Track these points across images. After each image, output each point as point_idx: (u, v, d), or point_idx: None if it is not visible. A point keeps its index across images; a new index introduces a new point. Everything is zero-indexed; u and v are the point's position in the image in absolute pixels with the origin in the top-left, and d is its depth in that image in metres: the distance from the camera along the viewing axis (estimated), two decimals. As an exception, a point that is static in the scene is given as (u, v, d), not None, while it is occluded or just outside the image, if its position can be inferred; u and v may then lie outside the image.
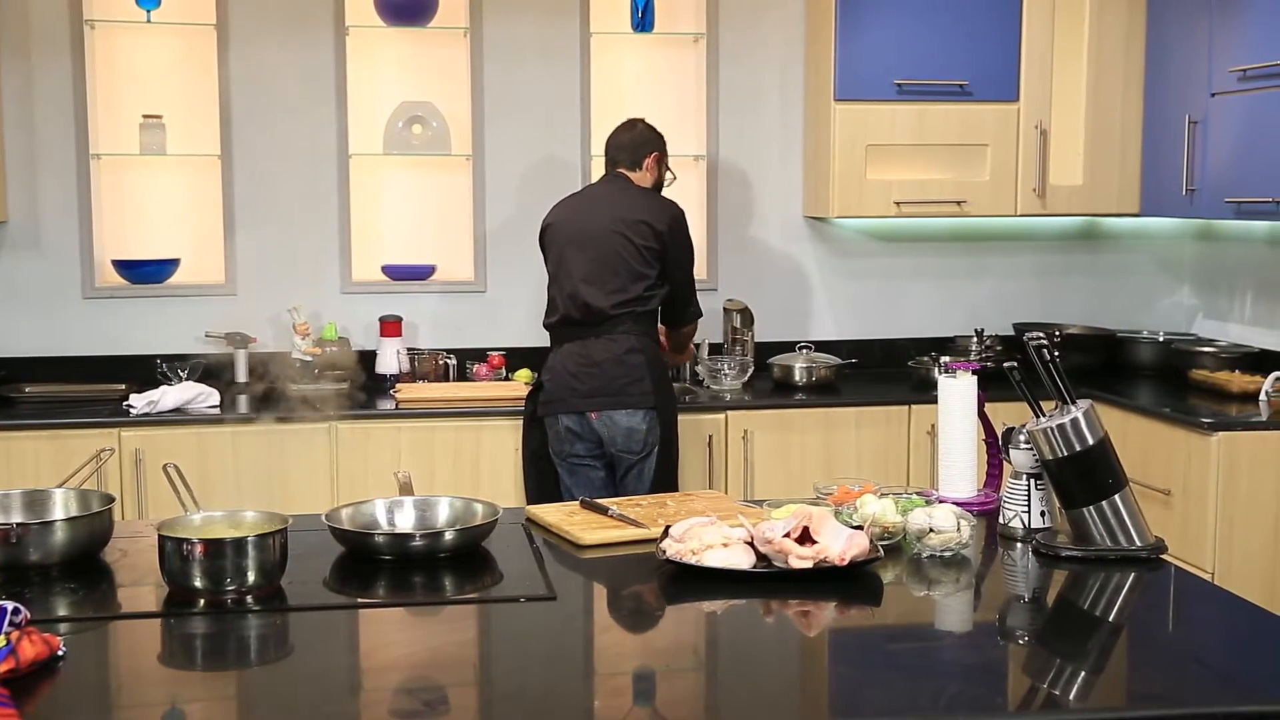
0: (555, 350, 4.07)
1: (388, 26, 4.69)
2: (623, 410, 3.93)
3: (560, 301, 4.04)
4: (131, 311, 4.67)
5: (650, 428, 3.95)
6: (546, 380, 4.04)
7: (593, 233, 4.01)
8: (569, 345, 4.01)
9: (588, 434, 3.97)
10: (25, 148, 4.57)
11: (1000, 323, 5.10)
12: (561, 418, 3.98)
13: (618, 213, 4.02)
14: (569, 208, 4.17)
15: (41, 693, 1.83)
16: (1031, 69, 4.71)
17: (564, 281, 4.03)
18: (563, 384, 3.98)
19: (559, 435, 4.01)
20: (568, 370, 3.98)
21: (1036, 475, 2.60)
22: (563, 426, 3.98)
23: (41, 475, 3.94)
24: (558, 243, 4.09)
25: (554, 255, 4.10)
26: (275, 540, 2.27)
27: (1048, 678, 1.98)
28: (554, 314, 4.08)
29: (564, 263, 4.04)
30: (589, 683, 1.98)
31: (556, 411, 3.99)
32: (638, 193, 4.12)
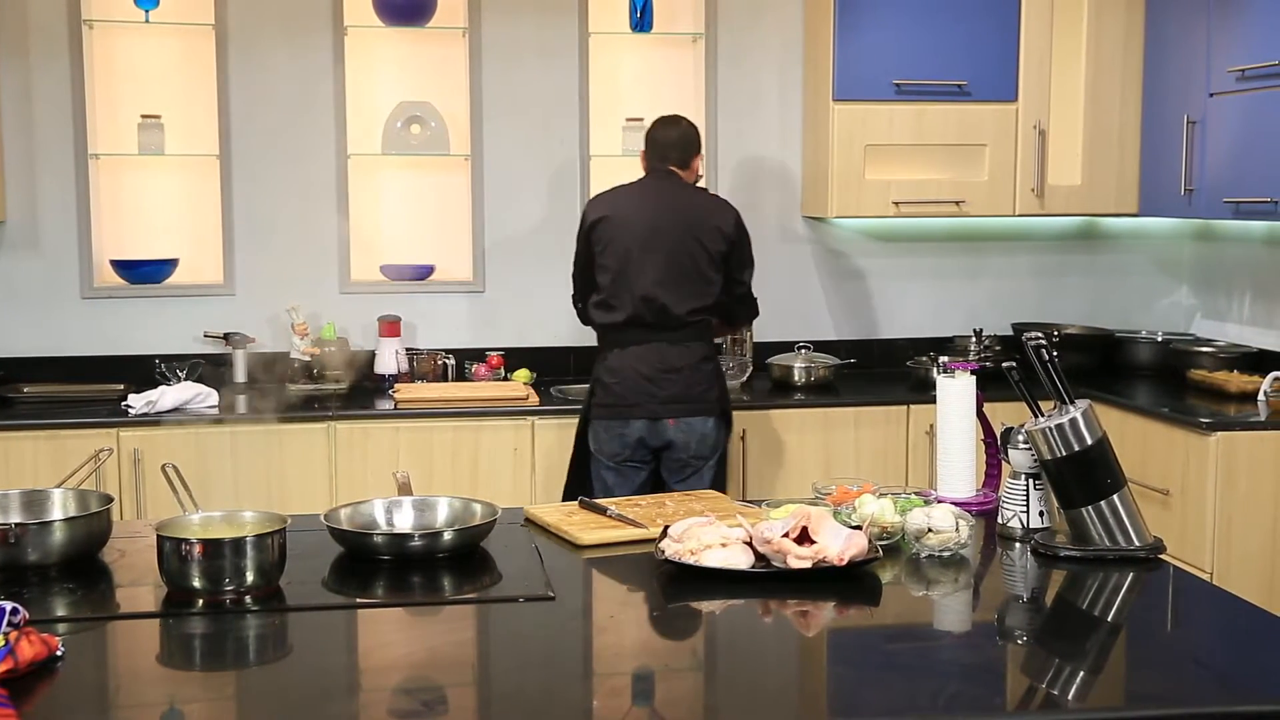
0: (617, 351, 3.99)
1: (386, 26, 4.69)
2: (699, 417, 3.94)
3: (628, 302, 3.94)
4: (130, 312, 4.67)
5: (719, 432, 3.99)
6: (614, 382, 3.96)
7: (666, 235, 3.94)
8: (638, 348, 3.95)
9: (655, 438, 3.95)
10: (24, 148, 4.57)
11: (999, 323, 5.10)
12: (634, 422, 3.94)
13: (688, 216, 3.98)
14: (629, 204, 4.01)
15: (40, 693, 1.83)
16: (1030, 69, 4.71)
17: (634, 282, 3.93)
18: (637, 388, 3.93)
19: (622, 438, 3.95)
20: (641, 374, 3.94)
21: (1035, 475, 2.60)
22: (633, 430, 3.95)
23: (40, 475, 3.94)
24: (621, 241, 3.95)
25: (616, 252, 3.96)
26: (274, 540, 2.27)
27: (1046, 677, 1.98)
28: (616, 313, 3.97)
29: (631, 262, 3.93)
30: (588, 683, 1.98)
31: (630, 416, 3.94)
32: (700, 194, 4.13)
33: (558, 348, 4.91)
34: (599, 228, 4.00)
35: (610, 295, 3.98)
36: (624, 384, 3.94)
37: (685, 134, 4.07)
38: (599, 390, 4.00)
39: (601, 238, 3.99)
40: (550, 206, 4.89)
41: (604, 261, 3.98)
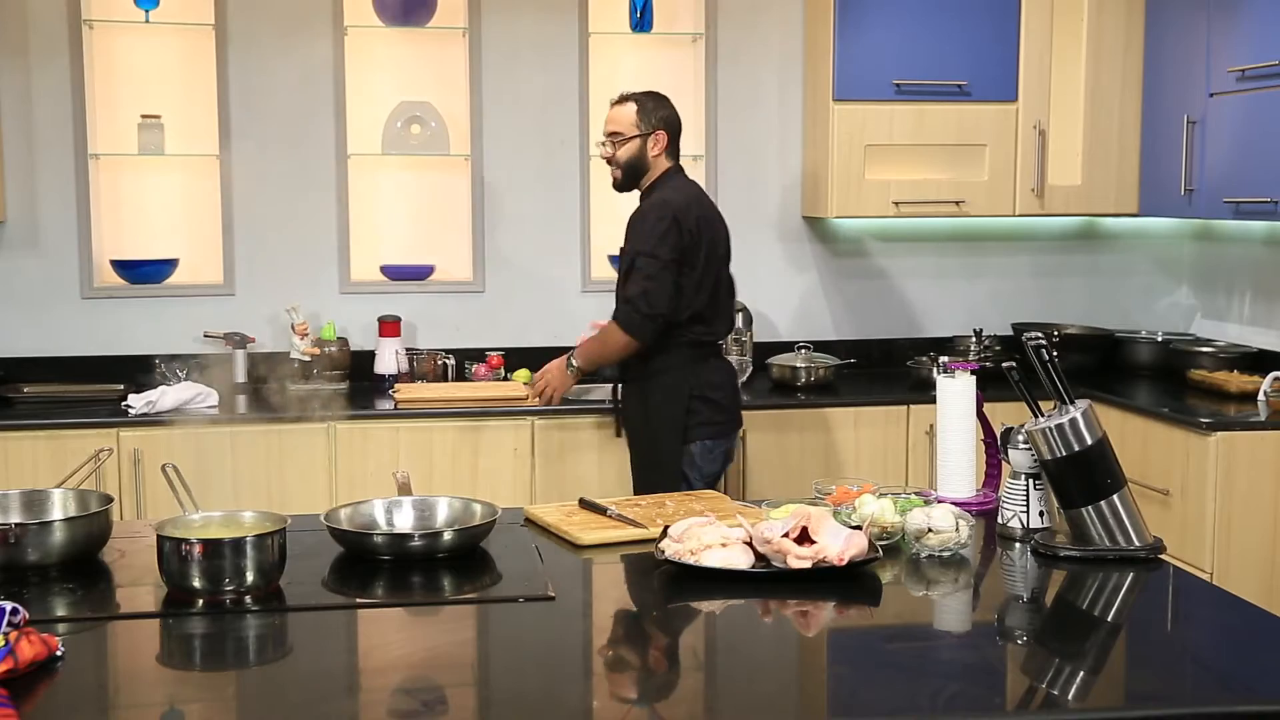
0: (715, 365, 3.92)
1: (386, 26, 4.69)
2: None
3: (723, 317, 3.91)
4: (130, 312, 4.67)
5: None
6: (721, 398, 3.87)
7: (728, 245, 3.98)
8: (723, 363, 3.99)
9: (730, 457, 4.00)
10: (23, 147, 4.57)
11: (999, 323, 5.10)
12: (734, 437, 3.99)
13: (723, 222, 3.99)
14: (710, 212, 3.91)
15: (40, 693, 1.83)
16: (1030, 69, 4.71)
17: (725, 297, 3.92)
18: (736, 404, 3.97)
19: (725, 457, 3.92)
20: (737, 391, 4.02)
21: (1035, 475, 2.60)
22: (732, 447, 3.98)
23: (40, 475, 3.94)
24: (716, 252, 3.86)
25: (712, 265, 3.84)
26: (274, 540, 2.27)
27: (1046, 677, 1.98)
28: (713, 327, 3.88)
29: (722, 281, 3.91)
30: (587, 683, 1.98)
31: (734, 432, 3.97)
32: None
33: (558, 348, 4.89)
34: (704, 239, 3.81)
35: (708, 309, 3.84)
36: (730, 400, 3.92)
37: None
38: (704, 409, 3.82)
39: (704, 250, 3.81)
40: (550, 207, 4.89)
41: (703, 277, 3.81)
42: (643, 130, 3.85)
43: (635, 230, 3.81)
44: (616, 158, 3.88)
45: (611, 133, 3.88)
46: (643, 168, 3.87)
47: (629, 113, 3.85)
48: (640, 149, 3.85)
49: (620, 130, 3.86)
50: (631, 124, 3.85)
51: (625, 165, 3.87)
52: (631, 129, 3.85)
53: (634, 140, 3.84)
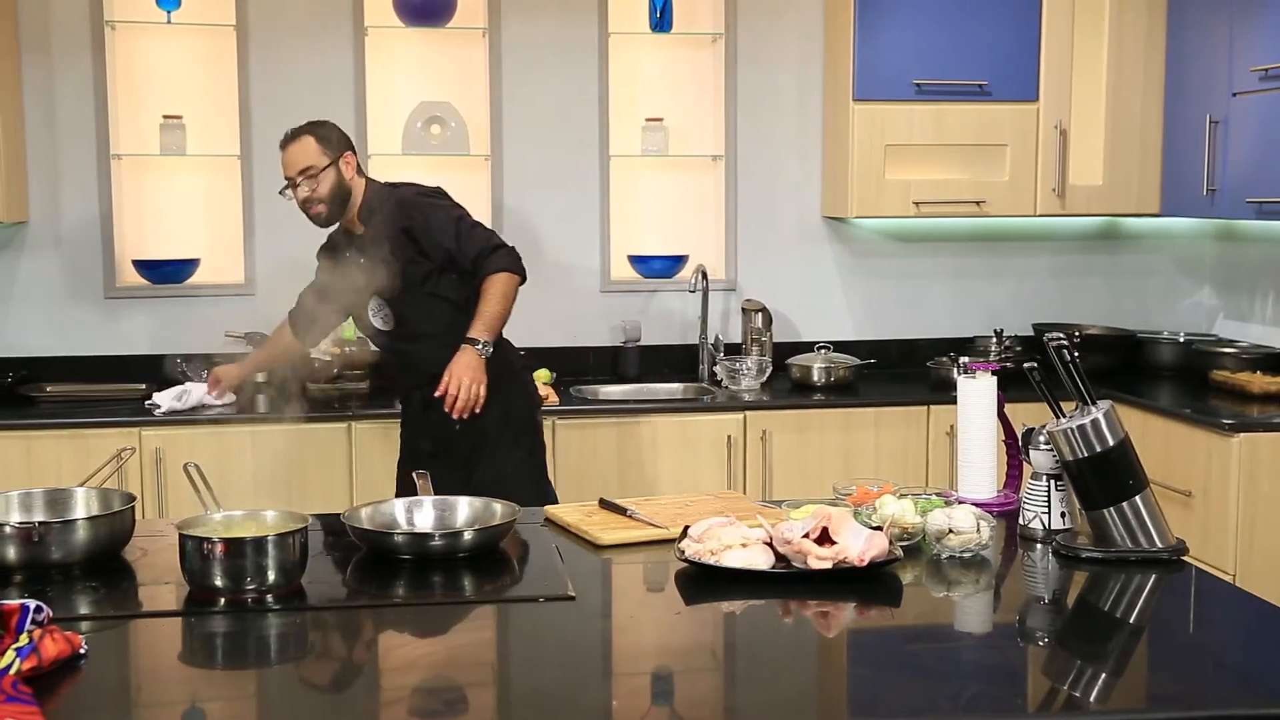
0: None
1: (406, 27, 4.70)
2: None
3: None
4: (152, 311, 4.69)
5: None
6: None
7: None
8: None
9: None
10: (46, 148, 4.60)
11: (1019, 323, 5.09)
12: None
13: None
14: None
15: (63, 691, 1.84)
16: (1051, 69, 4.69)
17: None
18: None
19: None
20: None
21: (1056, 476, 2.59)
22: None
23: (63, 474, 3.96)
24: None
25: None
26: (295, 539, 2.27)
27: (1068, 679, 1.97)
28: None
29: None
30: (607, 683, 1.98)
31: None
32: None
33: (577, 348, 4.92)
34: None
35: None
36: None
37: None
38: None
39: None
40: (570, 206, 4.89)
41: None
42: (332, 156, 3.68)
43: (430, 221, 3.67)
44: (316, 195, 3.68)
45: (302, 170, 3.66)
46: (345, 192, 3.71)
47: (310, 146, 3.67)
48: (337, 176, 3.69)
49: (311, 164, 3.66)
50: (319, 154, 3.67)
51: (329, 197, 3.69)
52: (322, 159, 3.67)
53: (328, 170, 3.67)
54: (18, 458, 4.07)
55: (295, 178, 3.69)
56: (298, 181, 3.68)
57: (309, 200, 3.70)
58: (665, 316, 4.97)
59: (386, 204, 3.70)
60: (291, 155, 3.69)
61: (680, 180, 5.03)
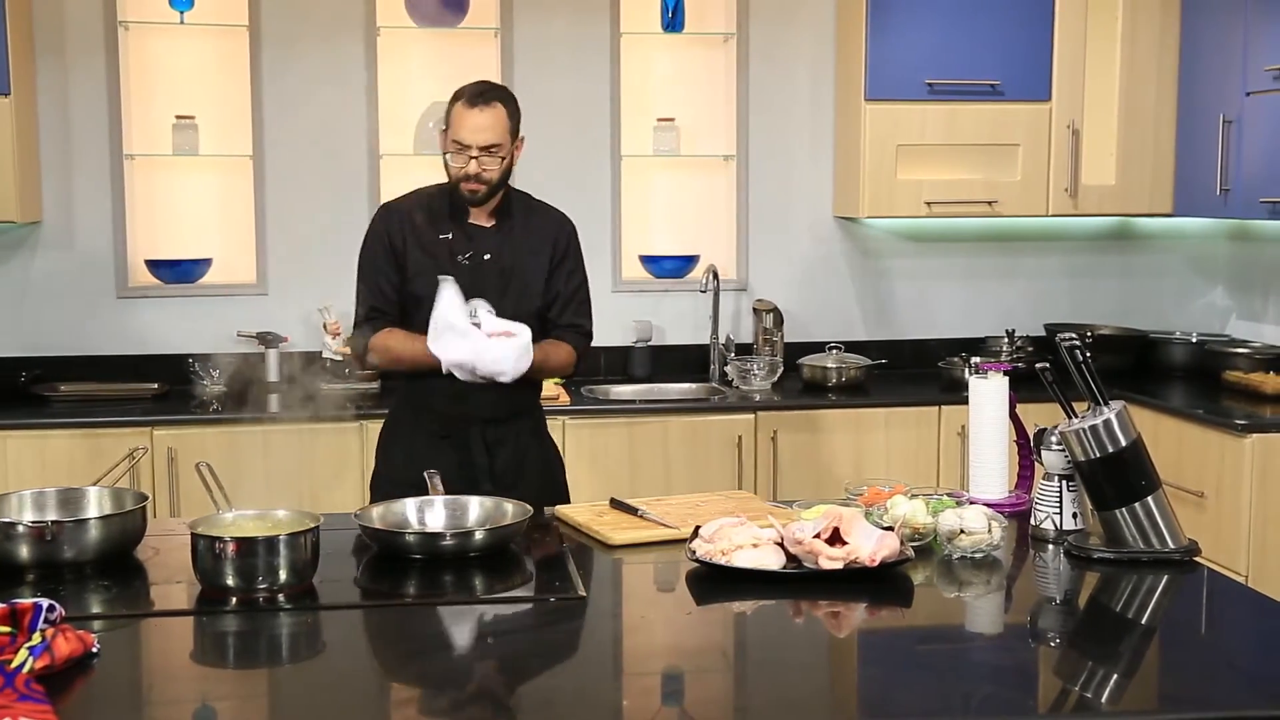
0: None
1: (418, 27, 4.71)
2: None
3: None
4: (164, 311, 4.70)
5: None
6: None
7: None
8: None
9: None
10: (60, 148, 4.61)
11: (1031, 323, 5.07)
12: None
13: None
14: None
15: (76, 689, 1.84)
16: (1064, 68, 4.68)
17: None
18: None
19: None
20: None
21: (1068, 476, 2.59)
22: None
23: (75, 474, 3.97)
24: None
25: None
26: (307, 539, 2.28)
27: (1079, 680, 1.97)
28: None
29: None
30: (618, 682, 1.98)
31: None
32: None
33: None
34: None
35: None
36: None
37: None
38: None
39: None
40: (581, 206, 4.87)
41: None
42: (515, 136, 3.21)
43: (574, 258, 3.32)
44: (487, 174, 3.14)
45: (487, 147, 3.11)
46: (507, 179, 3.24)
47: (502, 120, 3.15)
48: (511, 161, 3.20)
49: (500, 142, 3.13)
50: (507, 131, 3.16)
51: (498, 182, 3.18)
52: (508, 139, 3.17)
53: (510, 151, 3.18)
54: (31, 457, 4.08)
55: (474, 149, 3.11)
56: (475, 154, 3.11)
57: (478, 177, 3.13)
58: (676, 316, 4.97)
59: (541, 213, 3.31)
60: (479, 122, 3.11)
61: (692, 180, 5.03)
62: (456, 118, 3.15)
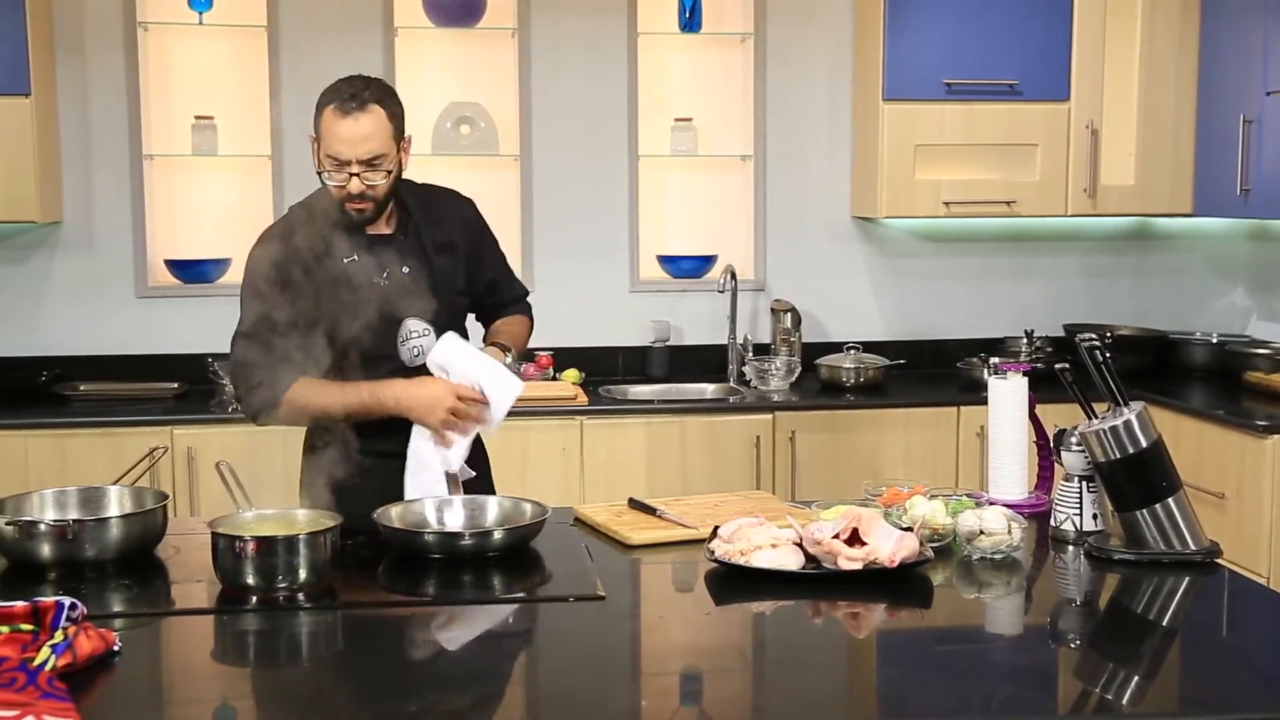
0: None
1: (436, 27, 4.72)
2: None
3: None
4: (183, 311, 4.72)
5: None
6: None
7: None
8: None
9: None
10: (80, 149, 4.63)
11: (1050, 324, 5.06)
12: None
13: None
14: None
15: (98, 687, 1.85)
16: (1082, 68, 4.67)
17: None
18: None
19: None
20: None
21: (1088, 477, 2.58)
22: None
23: (95, 473, 3.98)
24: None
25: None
26: (326, 538, 2.28)
27: (1100, 681, 1.96)
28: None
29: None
30: (636, 683, 1.98)
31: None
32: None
33: (606, 347, 4.92)
34: None
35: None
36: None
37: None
38: None
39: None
40: (599, 207, 4.90)
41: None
42: (399, 139, 2.82)
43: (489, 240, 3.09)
44: (373, 191, 2.77)
45: (367, 160, 2.74)
46: (396, 186, 2.87)
47: (382, 124, 2.76)
48: (399, 167, 2.83)
49: (382, 151, 2.75)
50: (389, 136, 2.77)
51: (386, 194, 2.82)
52: (391, 144, 2.78)
53: (394, 157, 2.80)
54: (51, 456, 4.10)
55: (354, 164, 2.74)
56: (356, 170, 2.74)
57: (362, 195, 2.77)
58: (694, 317, 4.96)
59: (438, 198, 3.00)
60: (356, 131, 2.72)
61: (709, 180, 5.03)
62: (327, 128, 2.73)
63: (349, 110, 2.73)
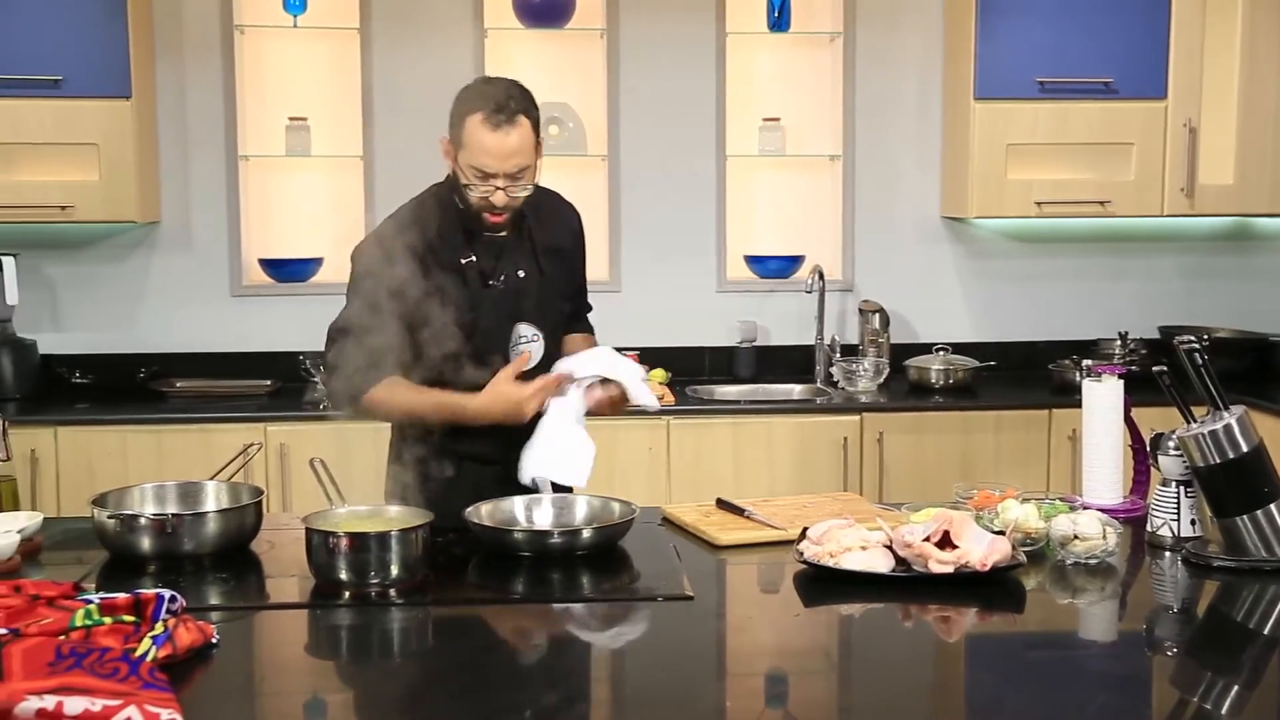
0: None
1: (525, 28, 4.74)
2: None
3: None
4: (276, 309, 4.79)
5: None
6: None
7: None
8: None
9: None
10: (178, 151, 4.72)
11: (1144, 326, 4.97)
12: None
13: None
14: None
15: (195, 678, 1.88)
16: (1180, 65, 4.58)
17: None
18: None
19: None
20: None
21: (1186, 482, 2.53)
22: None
23: (192, 468, 4.04)
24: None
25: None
26: (418, 535, 2.30)
27: (1198, 690, 1.92)
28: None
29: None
30: (721, 684, 1.98)
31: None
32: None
33: (693, 347, 4.92)
34: None
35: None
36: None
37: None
38: None
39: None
40: (686, 207, 4.90)
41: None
42: (539, 147, 2.79)
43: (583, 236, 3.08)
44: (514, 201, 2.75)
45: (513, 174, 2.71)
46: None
47: (528, 135, 2.72)
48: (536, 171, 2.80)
49: (527, 163, 2.73)
50: (533, 147, 2.74)
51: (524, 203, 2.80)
52: (534, 155, 2.75)
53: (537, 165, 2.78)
54: (149, 451, 4.18)
55: (499, 176, 2.68)
56: (501, 184, 2.69)
57: (506, 207, 2.72)
58: (781, 317, 4.95)
59: (549, 202, 2.95)
60: (503, 145, 2.66)
61: (797, 180, 5.00)
62: (474, 138, 2.66)
63: (498, 123, 2.65)
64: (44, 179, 4.36)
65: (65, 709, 1.60)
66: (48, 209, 4.36)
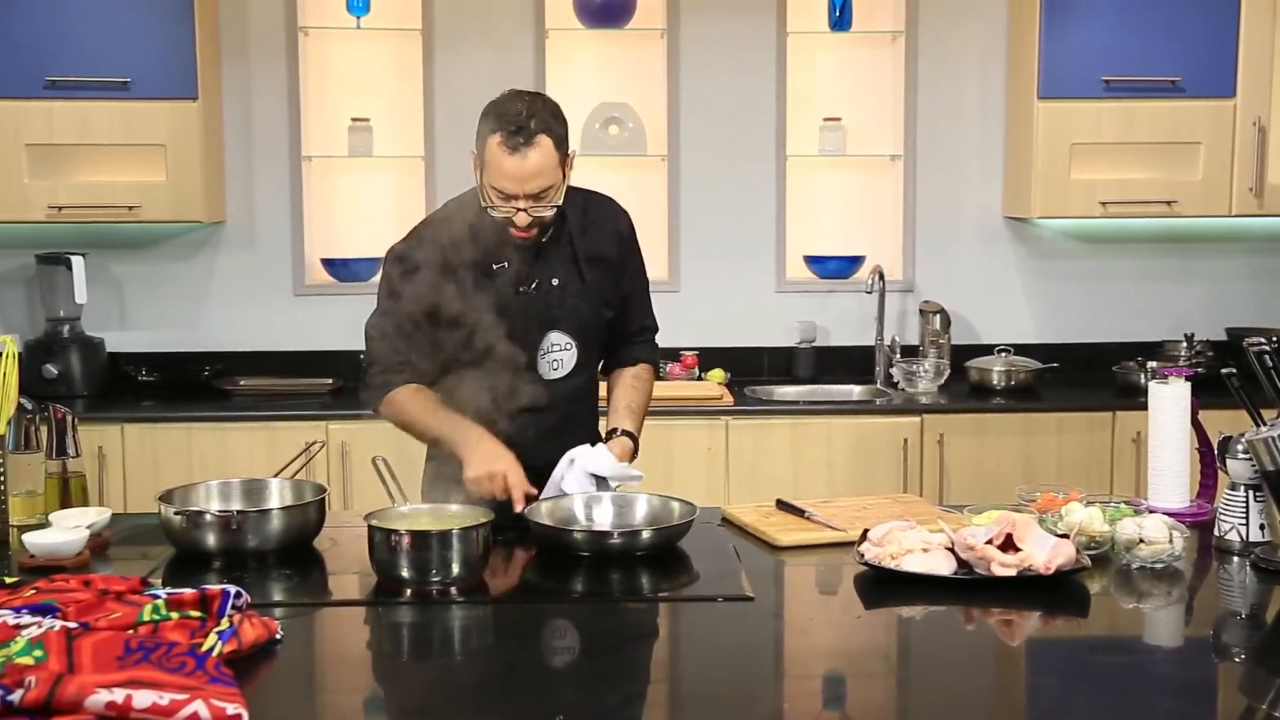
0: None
1: (586, 29, 4.75)
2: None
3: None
4: (338, 309, 4.83)
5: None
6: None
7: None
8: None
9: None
10: (243, 151, 4.78)
11: (1210, 327, 4.90)
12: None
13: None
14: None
15: (260, 674, 1.90)
16: (1250, 63, 4.51)
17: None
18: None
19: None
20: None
21: (1255, 486, 2.49)
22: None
23: (255, 465, 4.09)
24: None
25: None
26: (478, 534, 2.32)
27: (1266, 698, 1.89)
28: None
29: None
30: (779, 685, 1.97)
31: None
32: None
33: (752, 348, 4.91)
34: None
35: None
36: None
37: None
38: None
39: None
40: (746, 207, 4.89)
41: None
42: (564, 164, 2.71)
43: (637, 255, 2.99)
44: (538, 220, 2.70)
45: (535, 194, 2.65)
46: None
47: (550, 155, 2.64)
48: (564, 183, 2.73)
49: (550, 183, 2.66)
50: (556, 166, 2.67)
51: (551, 220, 2.77)
52: (558, 173, 2.68)
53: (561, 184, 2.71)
54: (213, 448, 4.24)
55: (520, 197, 2.65)
56: (522, 205, 2.65)
57: (530, 225, 2.69)
58: (841, 317, 4.93)
59: (595, 205, 2.91)
60: (521, 169, 2.62)
61: (858, 180, 4.98)
62: (493, 161, 2.62)
63: (516, 146, 2.60)
64: (112, 179, 4.43)
65: (134, 702, 1.63)
66: (115, 209, 4.43)
